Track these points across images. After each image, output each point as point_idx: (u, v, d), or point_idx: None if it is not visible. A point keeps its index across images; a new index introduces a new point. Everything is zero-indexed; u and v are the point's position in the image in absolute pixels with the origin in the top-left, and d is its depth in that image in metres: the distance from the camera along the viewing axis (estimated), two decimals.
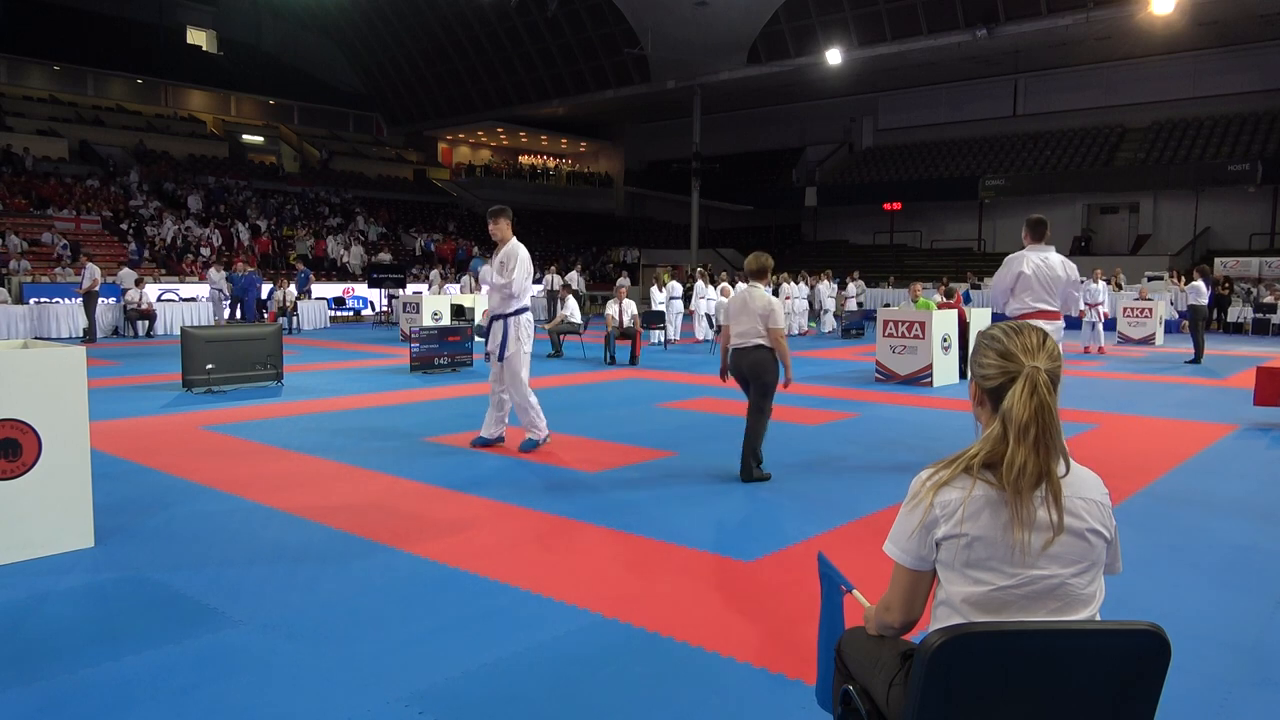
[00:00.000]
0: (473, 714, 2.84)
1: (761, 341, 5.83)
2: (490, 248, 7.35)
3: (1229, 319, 22.47)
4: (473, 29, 35.51)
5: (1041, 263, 6.30)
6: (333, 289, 25.69)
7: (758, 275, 6.06)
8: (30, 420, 4.20)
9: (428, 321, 15.58)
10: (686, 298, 18.99)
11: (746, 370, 5.91)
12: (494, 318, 6.95)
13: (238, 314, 20.33)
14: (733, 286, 19.26)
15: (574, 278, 24.39)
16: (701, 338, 18.07)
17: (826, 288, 22.52)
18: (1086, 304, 16.14)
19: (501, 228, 6.89)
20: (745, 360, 5.90)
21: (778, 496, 5.62)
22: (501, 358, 6.89)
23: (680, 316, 18.65)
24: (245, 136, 38.60)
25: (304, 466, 6.38)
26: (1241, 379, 11.71)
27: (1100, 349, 15.82)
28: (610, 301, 14.81)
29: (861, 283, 25.47)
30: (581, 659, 3.22)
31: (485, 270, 7.00)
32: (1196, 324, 14.09)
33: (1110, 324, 18.36)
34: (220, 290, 20.62)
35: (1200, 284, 14.15)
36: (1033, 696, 1.62)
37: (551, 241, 41.53)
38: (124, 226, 26.86)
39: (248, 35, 39.73)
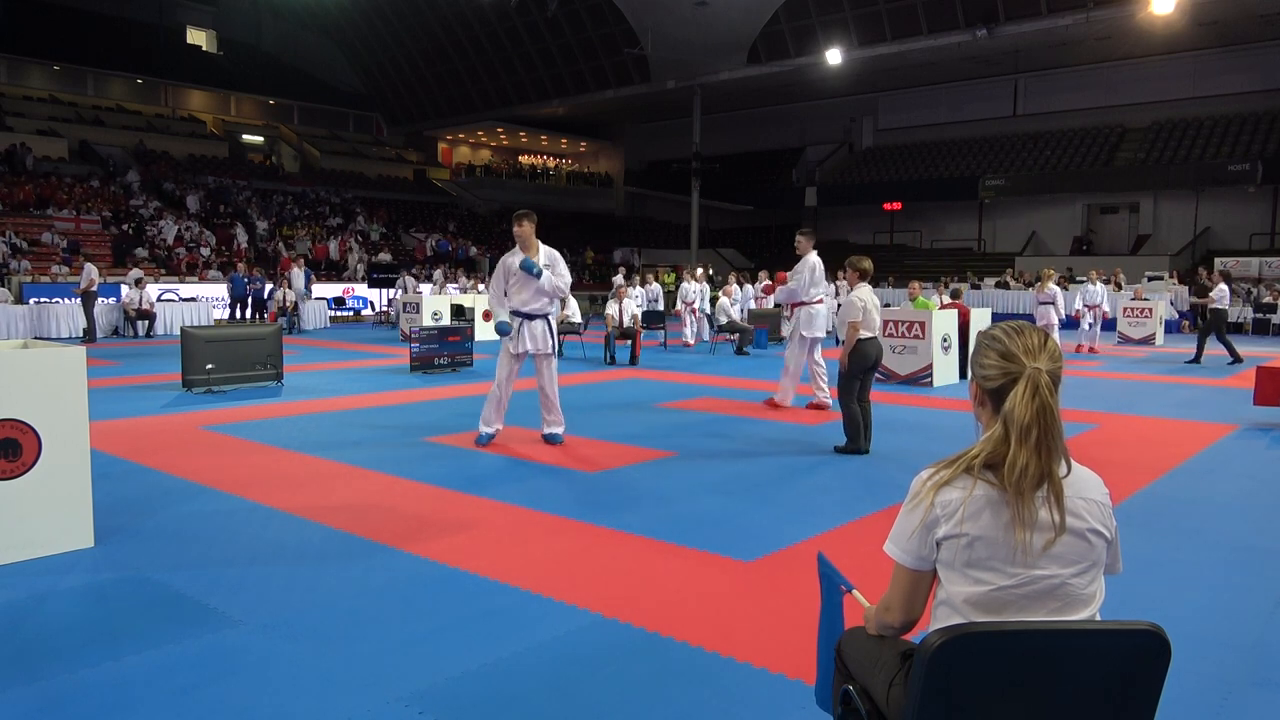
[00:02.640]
0: (473, 714, 2.84)
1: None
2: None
3: (1229, 319, 22.46)
4: (473, 29, 35.51)
5: (818, 263, 8.99)
6: (333, 289, 25.70)
7: (867, 276, 7.14)
8: (30, 420, 4.20)
9: (428, 321, 15.59)
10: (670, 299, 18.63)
11: (877, 355, 6.94)
12: (538, 316, 7.16)
13: (238, 314, 20.35)
14: (739, 287, 19.14)
15: (619, 281, 23.51)
16: (693, 341, 17.45)
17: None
18: (1086, 305, 16.14)
19: (529, 230, 7.21)
20: (879, 347, 6.98)
21: (778, 496, 5.63)
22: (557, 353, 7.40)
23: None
24: (245, 136, 38.60)
25: (304, 466, 6.38)
26: (1241, 379, 11.71)
27: (1091, 348, 15.81)
28: (610, 301, 14.81)
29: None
30: (581, 659, 3.22)
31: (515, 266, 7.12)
32: (1220, 328, 13.96)
33: (1110, 324, 18.38)
34: (304, 291, 20.39)
35: (1224, 287, 14.09)
36: (1033, 696, 1.62)
37: (552, 241, 41.42)
38: (125, 227, 26.87)
39: (248, 35, 39.73)
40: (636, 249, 39.89)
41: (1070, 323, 16.58)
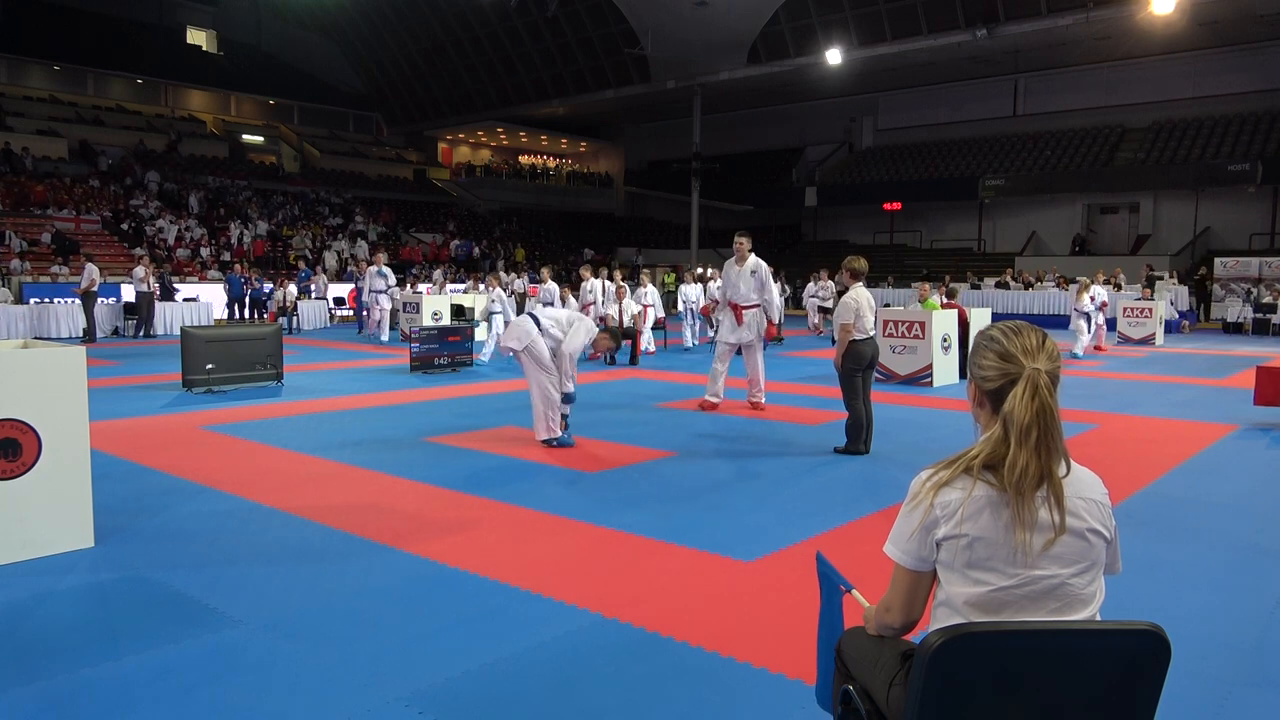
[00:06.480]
0: (473, 714, 2.84)
1: None
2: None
3: (1229, 319, 22.50)
4: (473, 29, 35.50)
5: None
6: (333, 289, 25.62)
7: (861, 276, 7.10)
8: (30, 420, 4.20)
9: (428, 321, 15.58)
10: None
11: (873, 355, 6.98)
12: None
13: (236, 314, 20.34)
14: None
15: (651, 293, 18.89)
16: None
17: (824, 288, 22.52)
18: (1094, 306, 16.06)
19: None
20: (875, 347, 7.02)
21: (777, 496, 5.63)
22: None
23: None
24: (245, 136, 38.59)
25: (304, 466, 6.38)
26: (1241, 379, 11.70)
27: (1088, 348, 15.77)
28: (609, 301, 14.80)
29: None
30: (581, 659, 3.22)
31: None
32: None
33: (1110, 324, 18.34)
34: (380, 293, 18.02)
35: None
36: (1033, 696, 1.62)
37: (551, 241, 41.54)
38: (125, 227, 26.86)
39: (248, 35, 39.71)
40: (637, 248, 39.89)
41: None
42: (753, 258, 8.92)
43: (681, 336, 17.33)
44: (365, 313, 19.15)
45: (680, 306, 17.67)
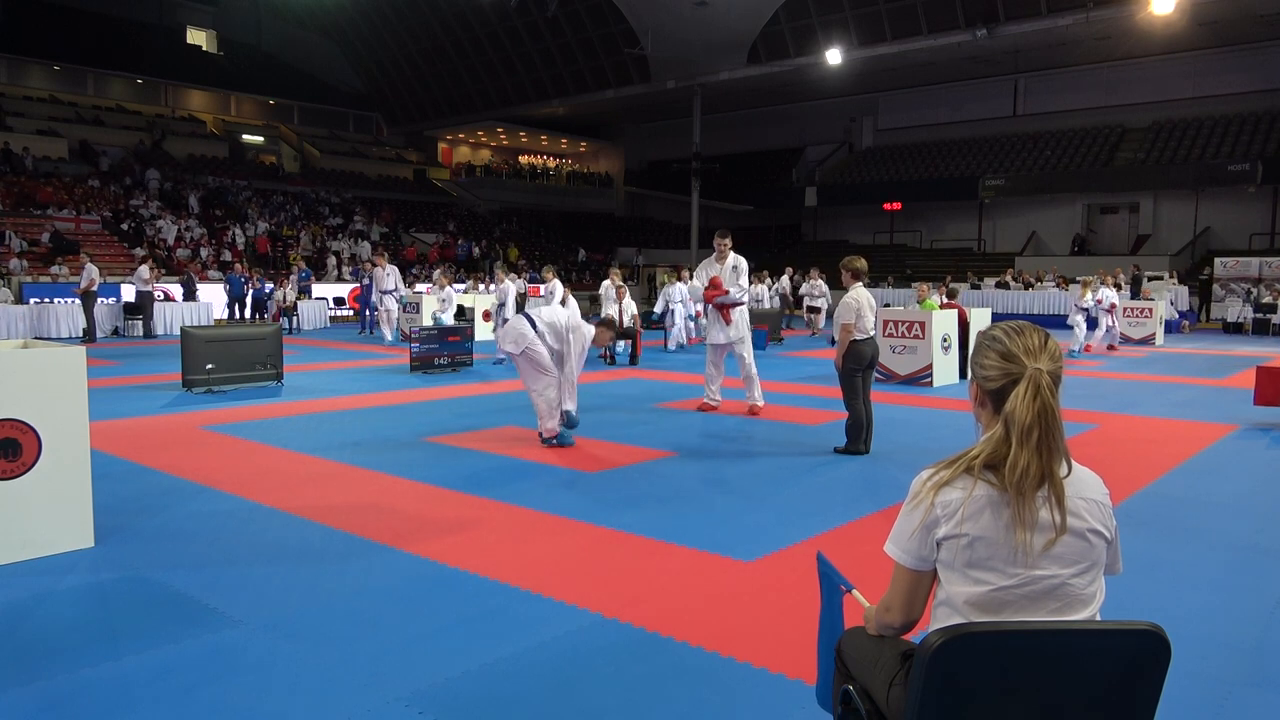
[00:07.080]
0: (473, 714, 2.84)
1: None
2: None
3: (1229, 319, 22.50)
4: (473, 29, 35.51)
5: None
6: (333, 289, 25.65)
7: (861, 276, 7.11)
8: (30, 420, 4.20)
9: (428, 321, 15.57)
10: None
11: (873, 355, 6.99)
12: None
13: (237, 314, 20.34)
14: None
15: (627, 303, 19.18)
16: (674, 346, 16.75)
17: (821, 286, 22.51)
18: (1103, 309, 16.07)
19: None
20: (875, 347, 7.03)
21: (778, 496, 5.62)
22: None
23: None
24: (245, 136, 38.59)
25: (304, 466, 6.38)
26: (1241, 379, 11.70)
27: (1089, 348, 15.80)
28: (609, 301, 14.80)
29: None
30: (581, 659, 3.22)
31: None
32: None
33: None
34: (387, 294, 17.15)
35: None
36: (1033, 696, 1.62)
37: (551, 241, 41.54)
38: (125, 227, 26.86)
39: (248, 35, 39.72)
40: (638, 248, 39.90)
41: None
42: (732, 254, 8.89)
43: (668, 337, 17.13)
44: (370, 312, 19.01)
45: (661, 305, 17.35)
